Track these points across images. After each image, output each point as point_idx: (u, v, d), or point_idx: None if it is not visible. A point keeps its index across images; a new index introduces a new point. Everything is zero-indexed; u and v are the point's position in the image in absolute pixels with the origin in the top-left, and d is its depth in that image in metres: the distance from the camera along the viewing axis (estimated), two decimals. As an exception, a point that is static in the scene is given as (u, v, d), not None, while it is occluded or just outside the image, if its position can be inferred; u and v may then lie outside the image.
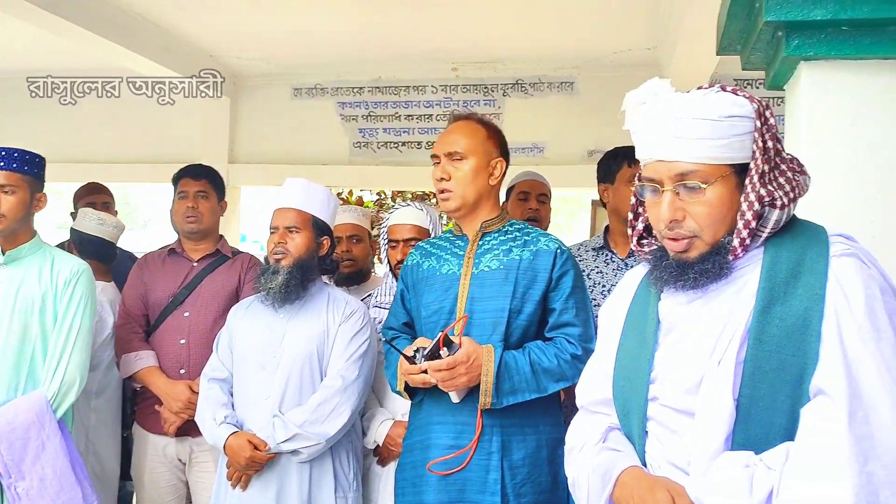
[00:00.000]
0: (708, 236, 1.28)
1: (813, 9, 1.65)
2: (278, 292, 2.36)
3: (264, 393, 2.36)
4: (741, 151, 1.25)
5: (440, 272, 2.12)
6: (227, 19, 4.49)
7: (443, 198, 2.09)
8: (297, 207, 2.44)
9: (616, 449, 1.40)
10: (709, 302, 1.30)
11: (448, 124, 2.18)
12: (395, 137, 5.37)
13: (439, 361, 1.88)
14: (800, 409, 1.18)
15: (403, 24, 4.49)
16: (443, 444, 1.98)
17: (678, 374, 1.31)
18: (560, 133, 5.10)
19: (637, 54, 4.85)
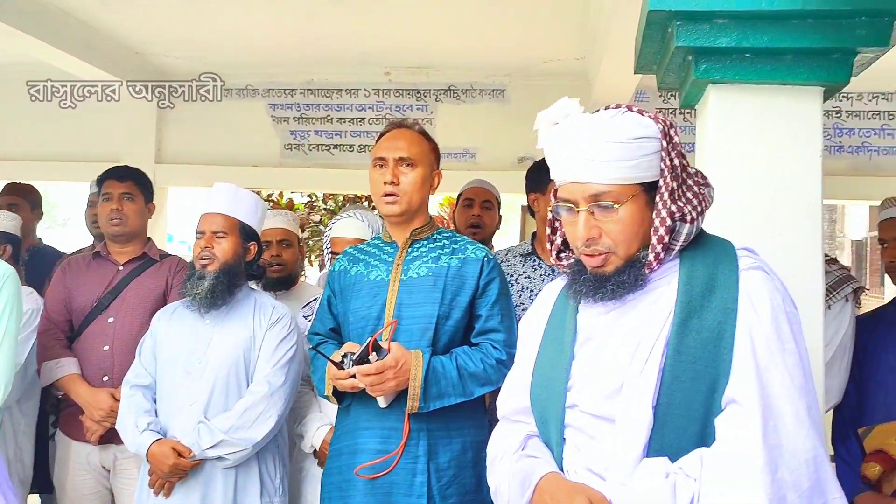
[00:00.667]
0: (622, 252, 1.34)
1: (719, 36, 1.75)
2: (204, 297, 2.36)
3: (189, 399, 2.35)
4: (649, 170, 1.32)
5: (368, 278, 2.15)
6: (155, 17, 4.40)
7: (389, 201, 2.11)
8: (225, 212, 2.44)
9: (534, 456, 1.43)
10: (626, 313, 1.36)
11: (386, 129, 2.22)
12: (326, 140, 5.36)
13: (368, 366, 1.91)
14: (712, 417, 1.25)
15: (336, 28, 4.49)
16: (370, 448, 2.02)
17: (597, 382, 1.35)
18: (491, 139, 5.19)
19: (566, 64, 4.97)
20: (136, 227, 2.88)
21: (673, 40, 1.79)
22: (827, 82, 1.80)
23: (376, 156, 2.16)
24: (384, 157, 2.13)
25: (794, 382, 1.23)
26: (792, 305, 1.31)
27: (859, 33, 1.72)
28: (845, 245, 15.40)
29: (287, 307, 2.55)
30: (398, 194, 2.11)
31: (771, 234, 1.79)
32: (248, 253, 2.48)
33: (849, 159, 5.00)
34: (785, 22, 1.73)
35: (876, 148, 4.98)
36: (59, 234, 13.96)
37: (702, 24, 1.75)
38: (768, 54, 1.77)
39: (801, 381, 1.24)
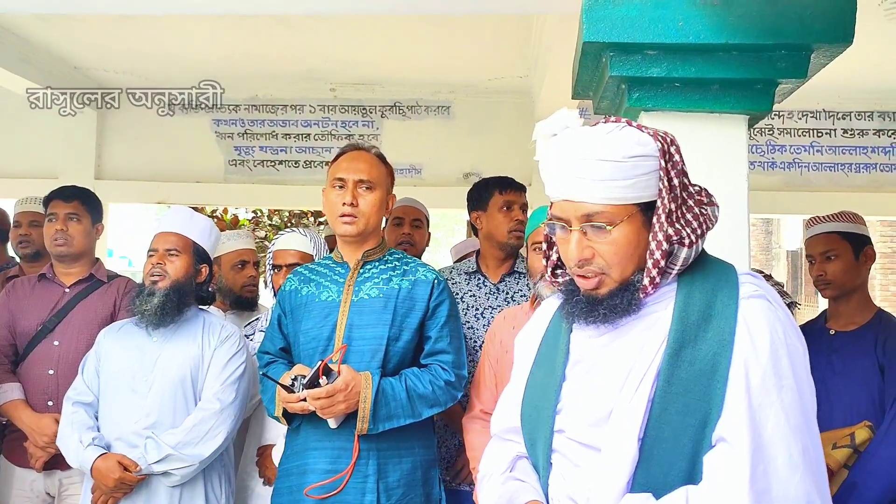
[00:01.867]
0: (616, 274, 1.27)
1: (650, 67, 1.84)
2: (153, 314, 2.35)
3: (134, 416, 2.33)
4: (647, 190, 1.24)
5: (319, 298, 2.16)
6: (95, 31, 4.33)
7: (346, 222, 2.13)
8: (179, 232, 2.45)
9: (520, 479, 1.39)
10: (619, 337, 1.30)
11: (345, 150, 2.23)
12: (271, 156, 5.35)
13: (318, 390, 1.93)
14: (701, 454, 1.18)
15: (281, 45, 4.50)
16: (320, 469, 2.03)
17: (585, 407, 1.30)
18: (437, 155, 5.24)
19: (510, 82, 5.07)
20: (81, 247, 2.84)
21: (607, 70, 1.87)
22: (751, 111, 1.90)
23: (336, 176, 2.18)
24: (344, 179, 2.16)
25: (790, 422, 1.15)
26: (796, 338, 1.24)
27: (780, 66, 1.82)
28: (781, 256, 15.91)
29: (237, 326, 2.55)
30: (356, 216, 2.13)
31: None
32: (200, 274, 2.48)
33: (781, 175, 5.21)
34: (711, 54, 1.83)
35: (806, 164, 5.20)
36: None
37: (634, 55, 1.84)
38: (696, 84, 1.87)
39: (798, 421, 1.17)
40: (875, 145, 5.16)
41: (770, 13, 1.79)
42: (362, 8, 2.41)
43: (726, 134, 1.91)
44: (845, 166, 5.16)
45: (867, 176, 5.15)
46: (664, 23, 1.79)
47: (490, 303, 2.76)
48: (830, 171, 5.17)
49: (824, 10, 1.79)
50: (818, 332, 2.61)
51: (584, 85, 2.11)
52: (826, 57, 1.87)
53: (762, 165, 5.20)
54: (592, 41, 1.82)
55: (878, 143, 5.16)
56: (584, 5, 1.82)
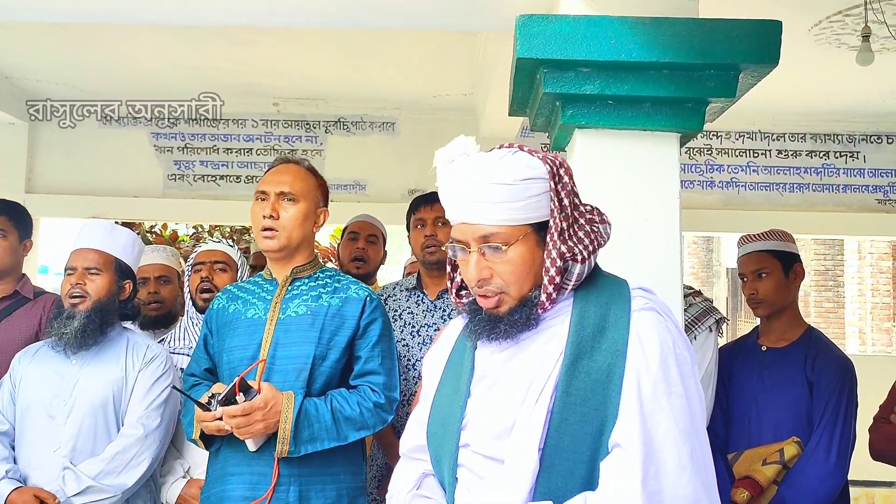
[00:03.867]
0: (514, 292, 1.33)
1: (584, 84, 1.85)
2: (73, 338, 2.24)
3: (52, 445, 2.22)
4: (538, 210, 1.31)
5: (245, 316, 2.09)
6: (26, 40, 4.20)
7: (267, 236, 2.07)
8: (99, 248, 2.34)
9: (427, 496, 1.42)
10: (520, 351, 1.35)
11: (273, 164, 2.18)
12: (212, 171, 5.25)
13: (234, 407, 1.84)
14: (599, 460, 1.23)
15: (223, 58, 4.43)
16: (238, 495, 1.93)
17: (488, 421, 1.34)
18: (381, 171, 5.22)
19: (455, 99, 5.09)
20: (6, 264, 2.74)
21: (541, 86, 1.87)
22: (682, 129, 1.92)
23: (258, 189, 2.12)
24: (266, 191, 2.09)
25: (679, 426, 1.22)
26: (684, 348, 1.31)
27: (709, 85, 1.85)
28: (721, 274, 16.27)
29: (162, 347, 2.46)
30: (277, 229, 2.06)
31: (633, 267, 1.86)
32: (123, 291, 2.38)
33: (719, 194, 5.34)
34: (643, 72, 1.84)
35: (743, 183, 5.34)
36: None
37: (567, 72, 1.85)
38: (629, 102, 1.88)
39: (687, 425, 1.23)
40: (808, 166, 5.32)
41: (699, 33, 1.82)
42: (303, 22, 2.38)
43: (658, 151, 1.92)
44: (780, 186, 5.31)
45: (801, 195, 5.32)
46: (597, 40, 1.80)
47: (426, 320, 2.73)
48: (766, 191, 5.32)
49: (751, 32, 1.83)
50: (750, 347, 2.65)
51: (521, 102, 2.11)
52: (754, 77, 1.90)
53: (701, 184, 5.31)
54: (526, 57, 1.82)
55: (810, 163, 5.32)
56: (518, 21, 1.81)
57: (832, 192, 5.32)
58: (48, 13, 2.60)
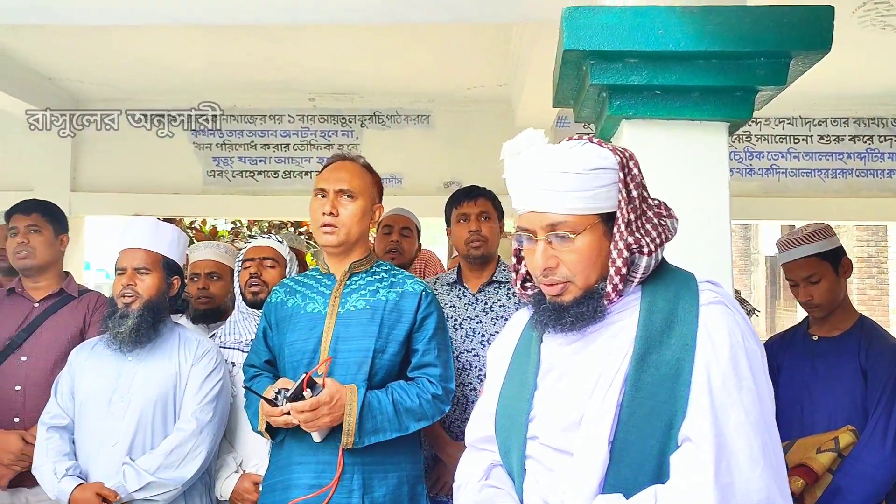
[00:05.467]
0: (580, 282, 1.33)
1: (631, 75, 1.84)
2: (128, 336, 2.29)
3: (111, 439, 2.28)
4: (607, 201, 1.31)
5: (305, 310, 2.13)
6: (69, 43, 4.29)
7: (327, 231, 2.10)
8: (146, 247, 2.38)
9: (496, 486, 1.44)
10: (587, 345, 1.35)
11: (330, 161, 2.21)
12: (250, 166, 5.31)
13: (302, 403, 1.89)
14: (668, 454, 1.23)
15: (259, 55, 4.47)
16: (304, 483, 1.99)
17: (556, 414, 1.35)
18: (417, 164, 5.23)
19: (489, 90, 5.08)
20: (44, 259, 2.79)
21: (588, 78, 1.86)
22: (731, 118, 1.90)
23: (317, 186, 2.15)
24: (325, 188, 2.13)
25: (750, 420, 1.22)
26: (753, 341, 1.30)
27: (759, 73, 1.83)
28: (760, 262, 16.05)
29: (213, 342, 2.50)
30: (336, 225, 2.10)
31: (682, 258, 1.85)
32: (172, 287, 2.42)
33: (759, 181, 5.25)
34: (691, 62, 1.83)
35: (784, 170, 5.25)
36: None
37: (615, 63, 1.84)
38: (677, 92, 1.86)
39: (758, 419, 1.23)
40: (851, 151, 5.22)
41: (749, 21, 1.79)
42: (340, 18, 2.39)
43: (707, 141, 1.91)
44: (822, 172, 5.22)
45: (843, 181, 5.21)
46: (644, 31, 1.79)
47: (468, 313, 2.75)
48: (807, 177, 5.22)
49: (802, 18, 1.80)
50: (801, 337, 2.62)
51: (565, 93, 2.11)
52: (805, 64, 1.87)
53: (740, 172, 5.24)
54: (573, 49, 1.81)
55: (853, 148, 5.22)
56: (564, 14, 1.81)
57: (876, 178, 5.21)
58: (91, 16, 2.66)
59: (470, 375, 2.65)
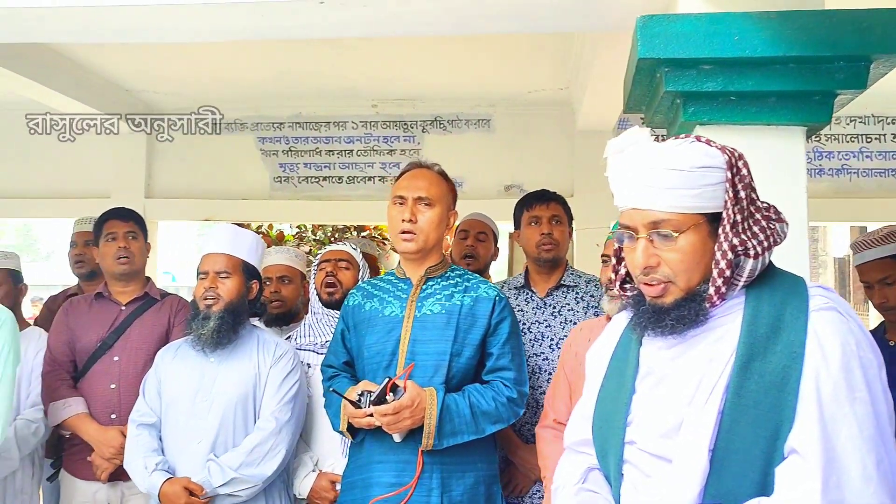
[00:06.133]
0: (682, 282, 1.30)
1: (706, 81, 1.85)
2: (210, 338, 2.39)
3: (196, 437, 2.38)
4: (713, 201, 1.28)
5: (383, 314, 2.20)
6: (145, 56, 4.46)
7: (406, 238, 2.17)
8: (227, 252, 2.47)
9: (593, 490, 1.43)
10: (688, 349, 1.32)
11: (407, 168, 2.27)
12: (315, 172, 5.42)
13: (385, 406, 1.96)
14: (773, 465, 1.19)
15: (323, 63, 4.57)
16: (384, 482, 2.06)
17: (655, 419, 1.32)
18: (477, 168, 5.27)
19: (550, 94, 5.08)
20: (140, 265, 2.95)
21: (662, 85, 1.88)
22: (809, 122, 1.89)
23: (396, 194, 2.22)
24: (403, 196, 2.19)
25: (864, 434, 1.16)
26: (870, 350, 1.24)
27: (838, 77, 1.82)
28: (828, 263, 15.60)
29: (290, 344, 2.59)
30: (415, 232, 2.16)
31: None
32: (251, 291, 2.52)
33: (829, 181, 5.13)
34: (768, 67, 1.83)
35: (855, 170, 5.11)
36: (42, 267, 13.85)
37: (689, 70, 1.85)
38: (753, 97, 1.86)
39: (872, 433, 1.16)
40: (926, 150, 5.05)
41: (828, 25, 1.79)
42: (413, 31, 2.44)
43: (784, 146, 1.90)
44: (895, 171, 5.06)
45: (918, 181, 5.05)
46: (720, 37, 1.80)
47: (537, 317, 2.77)
48: (880, 177, 5.07)
49: (883, 21, 1.78)
50: (878, 343, 2.56)
51: (637, 100, 2.12)
52: (885, 67, 1.85)
53: (810, 172, 5.08)
54: (647, 57, 1.83)
55: (929, 147, 5.05)
56: (639, 22, 1.83)
57: (953, 177, 5.03)
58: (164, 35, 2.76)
59: (539, 379, 2.67)
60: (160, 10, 2.36)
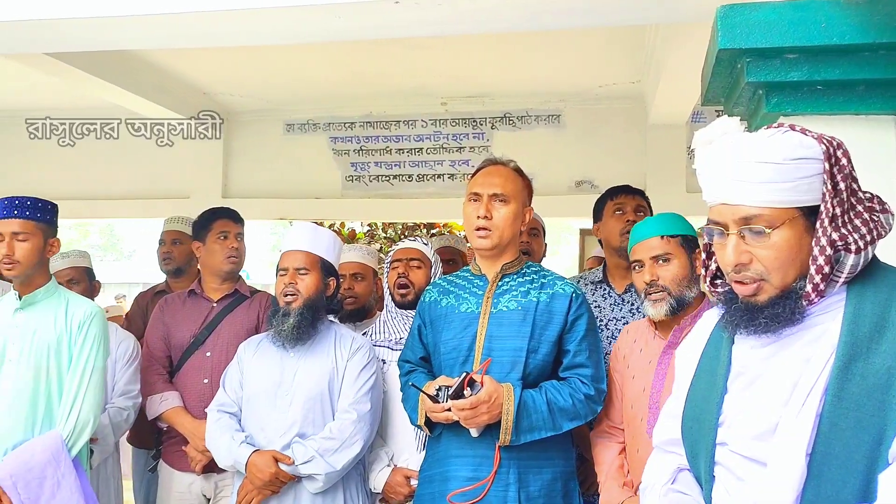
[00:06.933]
0: (776, 280, 1.25)
1: (790, 71, 1.80)
2: (290, 333, 2.46)
3: (278, 430, 2.45)
4: (809, 193, 1.22)
5: (459, 310, 2.22)
6: (221, 59, 4.59)
7: (481, 235, 2.18)
8: (306, 250, 2.54)
9: (683, 492, 1.41)
10: (784, 348, 1.27)
11: (482, 165, 2.29)
12: (386, 171, 5.49)
13: (463, 401, 1.98)
14: (876, 472, 1.13)
15: (393, 63, 4.62)
16: (462, 476, 2.08)
17: (748, 421, 1.28)
18: (547, 164, 5.23)
19: (622, 87, 5.01)
20: (242, 266, 3.07)
21: (743, 76, 1.84)
22: (900, 111, 1.82)
23: (471, 191, 2.23)
24: (479, 193, 2.20)
25: None
26: None
27: (931, 63, 1.74)
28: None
29: (365, 338, 2.64)
30: (490, 228, 2.17)
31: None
32: (329, 288, 2.57)
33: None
34: (856, 55, 1.77)
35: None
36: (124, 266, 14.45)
37: (772, 59, 1.80)
38: (840, 86, 1.81)
39: None
40: None
41: (920, 9, 1.71)
42: (488, 28, 2.45)
43: (873, 136, 1.84)
44: None
45: None
46: (805, 25, 1.75)
47: (614, 314, 2.74)
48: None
49: (980, 3, 1.70)
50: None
51: (716, 92, 2.08)
52: (981, 51, 1.77)
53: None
54: (728, 48, 1.79)
55: None
56: (719, 13, 1.79)
57: None
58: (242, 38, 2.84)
59: (615, 376, 2.65)
60: (238, 14, 2.43)
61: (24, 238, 2.47)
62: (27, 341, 2.48)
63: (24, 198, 2.52)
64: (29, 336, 2.48)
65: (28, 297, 2.52)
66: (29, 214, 2.49)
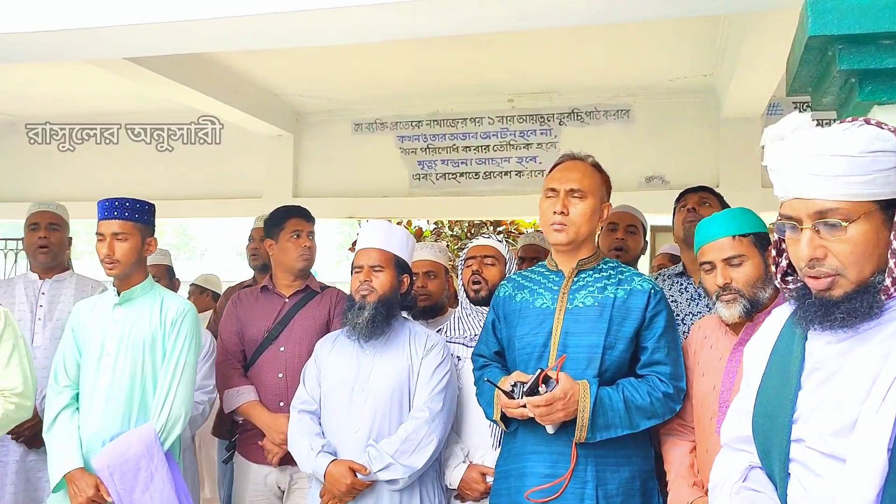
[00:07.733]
0: (852, 275, 1.24)
1: (885, 58, 1.72)
2: (365, 328, 2.48)
3: (354, 426, 2.47)
4: (887, 187, 1.21)
5: (534, 305, 2.20)
6: (291, 60, 4.68)
7: (557, 230, 2.16)
8: (380, 247, 2.56)
9: (755, 489, 1.39)
10: (861, 343, 1.25)
11: (560, 160, 2.26)
12: (453, 169, 5.51)
13: (538, 398, 1.97)
14: None
15: (459, 61, 4.63)
16: (538, 472, 2.07)
17: (825, 417, 1.27)
18: (617, 160, 5.10)
19: (693, 81, 4.91)
20: (313, 263, 3.12)
21: (834, 64, 1.77)
22: None
23: (548, 186, 2.21)
24: (555, 188, 2.18)
25: None
26: None
27: None
28: None
29: (440, 336, 2.65)
30: (566, 224, 2.15)
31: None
32: (402, 285, 2.59)
33: None
34: (957, 39, 1.67)
35: None
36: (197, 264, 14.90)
37: (866, 46, 1.73)
38: (939, 73, 1.72)
39: None
40: None
41: None
42: (559, 22, 2.43)
43: (976, 125, 1.74)
44: None
45: None
46: (902, 10, 1.67)
47: (690, 308, 2.69)
48: None
49: None
50: None
51: (803, 81, 2.00)
52: None
53: None
54: (819, 35, 1.72)
55: None
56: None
57: None
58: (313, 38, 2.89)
59: (693, 374, 2.59)
60: (309, 14, 2.47)
61: (123, 238, 2.58)
62: (125, 336, 2.58)
63: (123, 199, 2.63)
64: (126, 331, 2.59)
65: (126, 293, 2.63)
66: (128, 215, 2.60)
